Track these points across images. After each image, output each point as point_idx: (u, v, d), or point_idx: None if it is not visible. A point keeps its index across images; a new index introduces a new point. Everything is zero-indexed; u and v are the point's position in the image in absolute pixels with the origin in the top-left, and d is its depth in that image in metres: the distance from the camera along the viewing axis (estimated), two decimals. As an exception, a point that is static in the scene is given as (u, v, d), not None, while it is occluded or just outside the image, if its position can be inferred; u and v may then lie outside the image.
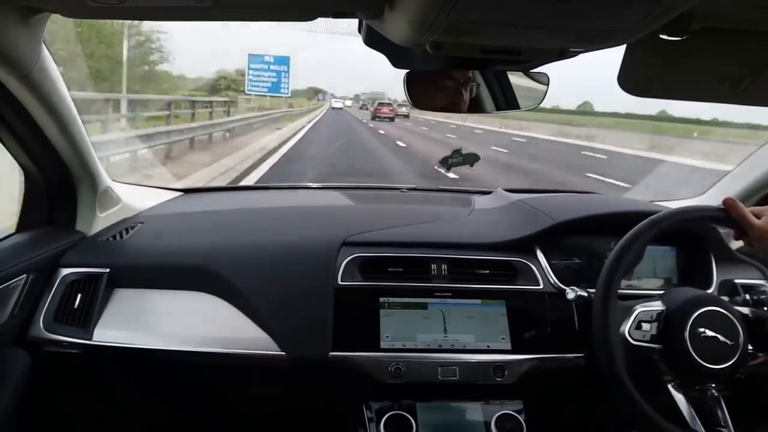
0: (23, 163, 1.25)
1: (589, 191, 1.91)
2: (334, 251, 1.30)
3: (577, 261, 1.38)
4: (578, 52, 0.85)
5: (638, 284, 1.38)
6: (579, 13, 0.67)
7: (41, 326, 1.19)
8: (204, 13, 0.84)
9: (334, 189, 1.90)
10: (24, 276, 1.17)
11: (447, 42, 0.78)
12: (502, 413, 1.20)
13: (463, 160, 1.82)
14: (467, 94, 1.07)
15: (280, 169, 9.10)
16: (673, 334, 1.05)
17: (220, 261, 1.29)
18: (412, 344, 1.22)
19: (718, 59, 0.91)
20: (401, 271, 1.29)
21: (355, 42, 1.02)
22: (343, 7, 0.82)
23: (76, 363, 1.23)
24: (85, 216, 1.37)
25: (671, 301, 1.10)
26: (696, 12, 0.76)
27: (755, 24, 0.83)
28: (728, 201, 1.02)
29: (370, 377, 1.18)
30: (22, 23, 0.89)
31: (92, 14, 0.83)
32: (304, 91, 60.21)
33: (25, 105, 1.07)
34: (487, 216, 1.58)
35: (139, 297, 1.28)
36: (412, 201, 1.85)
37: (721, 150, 13.00)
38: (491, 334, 1.24)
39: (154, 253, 1.35)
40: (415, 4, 0.67)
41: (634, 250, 1.07)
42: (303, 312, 1.22)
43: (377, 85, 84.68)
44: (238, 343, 1.20)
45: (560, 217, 1.38)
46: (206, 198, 1.89)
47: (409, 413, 1.19)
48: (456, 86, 1.06)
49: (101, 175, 1.37)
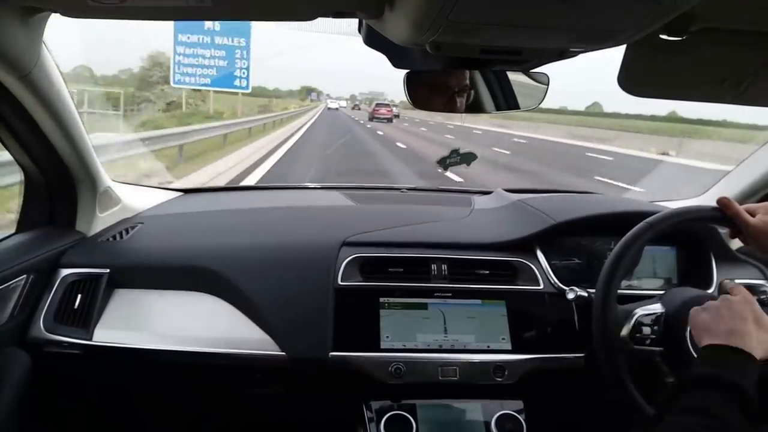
0: (23, 163, 1.25)
1: (589, 191, 1.91)
2: (334, 251, 1.30)
3: (577, 261, 1.38)
4: (578, 52, 0.85)
5: (638, 284, 1.38)
6: (579, 13, 0.67)
7: (41, 326, 1.19)
8: (204, 13, 0.84)
9: (334, 189, 1.90)
10: (24, 276, 1.17)
11: (447, 42, 0.78)
12: (502, 413, 1.20)
13: (461, 159, 1.81)
14: (467, 94, 1.07)
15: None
16: (674, 336, 1.05)
17: (220, 261, 1.29)
18: (412, 344, 1.22)
19: (718, 59, 0.91)
20: (401, 271, 1.29)
21: (354, 42, 1.02)
22: (343, 7, 0.82)
23: (76, 363, 1.23)
24: (85, 216, 1.37)
25: (671, 302, 1.10)
26: (696, 12, 0.76)
27: (755, 24, 0.83)
28: (722, 200, 1.02)
29: (370, 377, 1.18)
30: (22, 23, 0.89)
31: (92, 14, 0.83)
32: (297, 92, 59.72)
33: (25, 105, 1.07)
34: (487, 216, 1.58)
35: (139, 297, 1.28)
36: (412, 201, 1.85)
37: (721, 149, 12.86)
38: (491, 334, 1.24)
39: (154, 254, 1.35)
40: (415, 4, 0.67)
41: (632, 251, 1.07)
42: (303, 312, 1.22)
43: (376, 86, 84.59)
44: (238, 343, 1.20)
45: (560, 217, 1.38)
46: (206, 198, 1.89)
47: (409, 413, 1.19)
48: (456, 86, 1.06)
49: (101, 175, 1.37)
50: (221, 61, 12.69)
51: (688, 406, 0.73)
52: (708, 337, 0.81)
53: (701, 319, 0.86)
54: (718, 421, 0.69)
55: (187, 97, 17.29)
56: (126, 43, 23.68)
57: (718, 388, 0.73)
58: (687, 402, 0.73)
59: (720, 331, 0.80)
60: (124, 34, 18.68)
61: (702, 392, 0.74)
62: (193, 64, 12.61)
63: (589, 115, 38.49)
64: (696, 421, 0.69)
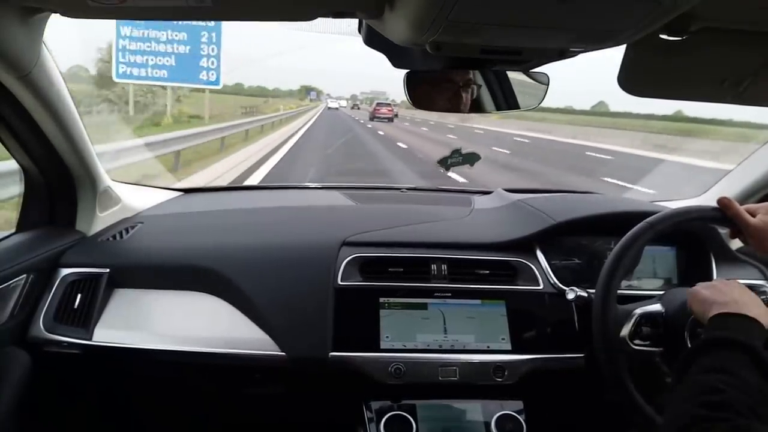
0: (23, 162, 1.25)
1: (590, 191, 1.91)
2: (334, 251, 1.30)
3: (577, 261, 1.38)
4: (578, 52, 0.85)
5: (638, 284, 1.38)
6: (579, 13, 0.67)
7: (41, 326, 1.19)
8: (204, 13, 0.84)
9: (334, 189, 1.90)
10: (24, 276, 1.17)
11: (447, 42, 0.78)
12: (502, 413, 1.20)
13: (463, 160, 1.81)
14: (467, 95, 1.07)
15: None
16: (674, 336, 1.05)
17: (220, 261, 1.29)
18: (412, 344, 1.22)
19: (718, 59, 0.91)
20: (401, 271, 1.29)
21: (355, 42, 1.02)
22: (343, 7, 0.81)
23: (76, 363, 1.23)
24: (85, 216, 1.37)
25: (670, 302, 1.09)
26: (696, 12, 0.76)
27: (755, 24, 0.83)
28: (722, 200, 1.02)
29: (370, 377, 1.18)
30: (22, 23, 0.89)
31: (92, 14, 0.83)
32: (297, 91, 59.06)
33: (25, 105, 1.07)
34: (487, 216, 1.58)
35: (139, 297, 1.28)
36: (412, 201, 1.85)
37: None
38: (491, 335, 1.24)
39: (154, 253, 1.35)
40: (415, 4, 0.67)
41: (632, 251, 1.07)
42: (303, 312, 1.22)
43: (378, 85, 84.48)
44: (238, 343, 1.20)
45: (560, 217, 1.38)
46: (206, 198, 1.89)
47: (409, 413, 1.19)
48: (456, 86, 1.06)
49: (101, 175, 1.37)
50: (182, 47, 9.19)
51: (705, 367, 0.74)
52: (714, 308, 0.85)
53: (702, 296, 0.89)
54: (737, 379, 0.70)
55: (138, 92, 13.95)
56: (87, 32, 18.82)
57: (732, 347, 0.75)
58: (704, 363, 0.75)
59: (724, 301, 0.84)
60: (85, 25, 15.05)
61: (717, 353, 0.76)
62: (144, 51, 9.10)
63: (597, 115, 38.03)
64: (717, 378, 0.71)
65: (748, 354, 0.73)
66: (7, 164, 3.14)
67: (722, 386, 0.69)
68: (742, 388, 0.69)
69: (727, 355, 0.75)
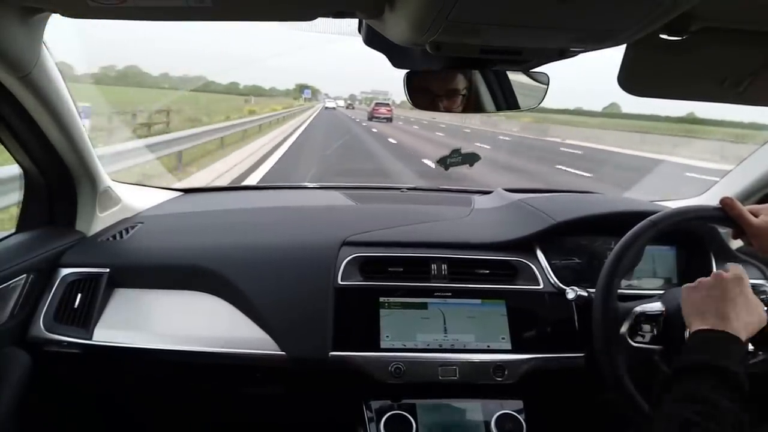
0: (23, 163, 1.25)
1: (590, 191, 1.91)
2: (334, 251, 1.30)
3: (577, 261, 1.38)
4: (578, 52, 0.85)
5: (638, 284, 1.38)
6: (579, 13, 0.67)
7: (41, 326, 1.19)
8: (204, 13, 0.84)
9: (334, 189, 1.90)
10: (24, 276, 1.17)
11: (447, 42, 0.78)
12: (502, 413, 1.20)
13: (462, 160, 1.81)
14: (467, 94, 1.07)
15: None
16: (673, 335, 1.05)
17: (220, 261, 1.29)
18: (412, 344, 1.22)
19: (718, 59, 0.91)
20: (401, 271, 1.29)
21: (355, 42, 1.02)
22: (343, 7, 0.81)
23: (76, 363, 1.23)
24: (85, 216, 1.37)
25: (670, 301, 1.09)
26: (696, 12, 0.76)
27: (755, 24, 0.83)
28: (725, 200, 1.02)
29: (370, 377, 1.18)
30: (22, 23, 0.89)
31: (92, 14, 0.83)
32: (292, 91, 58.05)
33: (25, 105, 1.07)
34: (487, 216, 1.58)
35: (139, 297, 1.28)
36: (412, 201, 1.85)
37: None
38: (491, 334, 1.24)
39: (154, 253, 1.35)
40: (415, 4, 0.67)
41: (633, 250, 1.07)
42: (303, 312, 1.22)
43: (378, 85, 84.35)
44: (238, 343, 1.20)
45: (560, 217, 1.38)
46: (206, 198, 1.89)
47: (409, 413, 1.19)
48: (456, 86, 1.06)
49: (101, 175, 1.37)
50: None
51: (680, 395, 0.76)
52: (696, 322, 0.86)
53: (692, 300, 0.90)
54: (711, 406, 0.71)
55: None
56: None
57: (707, 374, 0.76)
58: (679, 391, 0.76)
59: (708, 313, 0.85)
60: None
61: (693, 380, 0.77)
62: None
63: (610, 116, 37.52)
64: (690, 409, 0.72)
65: (724, 379, 0.74)
66: (8, 169, 3.09)
67: (697, 418, 0.70)
68: (718, 418, 0.70)
69: (704, 382, 0.75)
